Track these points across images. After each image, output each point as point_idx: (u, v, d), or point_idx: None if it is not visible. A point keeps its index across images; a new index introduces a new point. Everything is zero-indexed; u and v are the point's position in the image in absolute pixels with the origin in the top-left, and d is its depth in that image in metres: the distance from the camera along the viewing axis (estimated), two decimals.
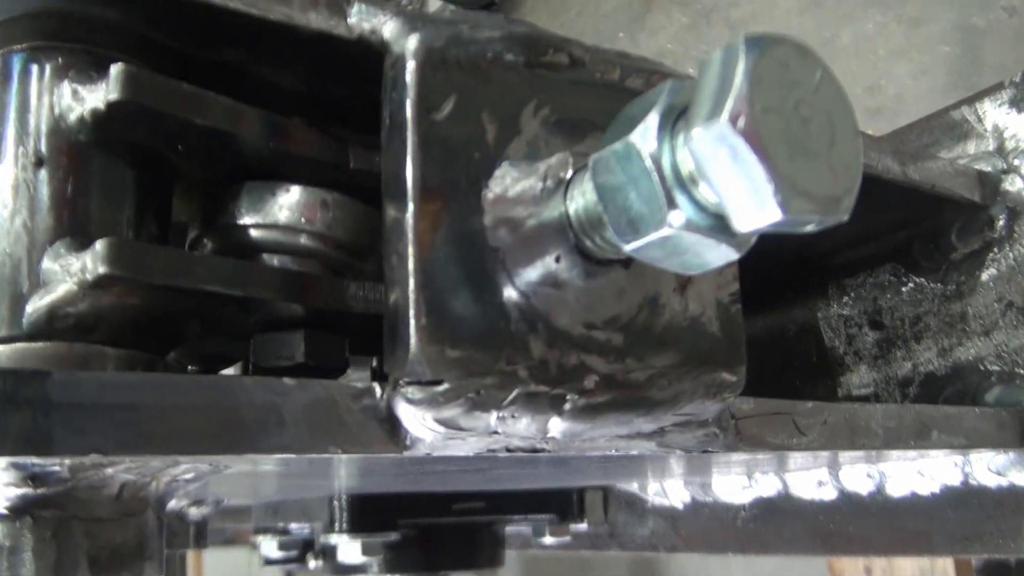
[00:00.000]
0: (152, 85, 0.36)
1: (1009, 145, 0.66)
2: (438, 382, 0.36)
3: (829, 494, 0.77)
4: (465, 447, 0.39)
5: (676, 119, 0.35)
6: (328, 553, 0.98)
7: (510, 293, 0.38)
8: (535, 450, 0.41)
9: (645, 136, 0.34)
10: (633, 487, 0.97)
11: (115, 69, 0.35)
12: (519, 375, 0.37)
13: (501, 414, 0.38)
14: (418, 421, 0.36)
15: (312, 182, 0.42)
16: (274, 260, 0.42)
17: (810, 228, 0.33)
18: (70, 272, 0.34)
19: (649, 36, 2.72)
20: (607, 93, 0.43)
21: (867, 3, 1.93)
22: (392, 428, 0.37)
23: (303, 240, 0.41)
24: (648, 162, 0.34)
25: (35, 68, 0.37)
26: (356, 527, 0.89)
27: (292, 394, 0.35)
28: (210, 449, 0.33)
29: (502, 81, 0.40)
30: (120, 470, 0.34)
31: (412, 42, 0.38)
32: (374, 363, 0.54)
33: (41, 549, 0.33)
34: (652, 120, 0.34)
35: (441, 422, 0.37)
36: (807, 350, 0.81)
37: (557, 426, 0.40)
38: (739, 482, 0.86)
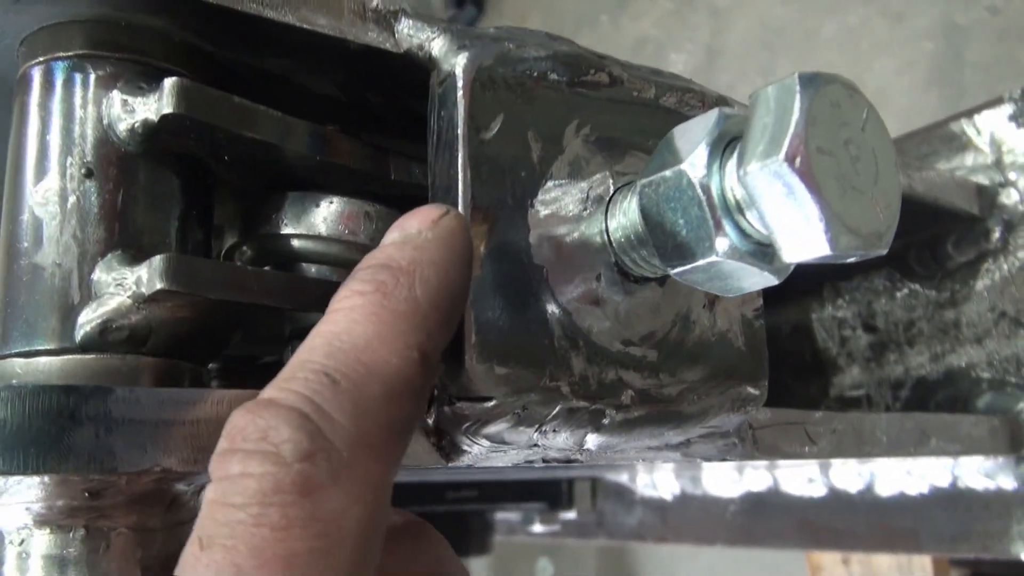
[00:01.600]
0: (205, 99, 0.36)
1: (1007, 159, 0.68)
2: (488, 399, 0.37)
3: (818, 491, 0.80)
4: (506, 459, 0.40)
5: (724, 148, 0.36)
6: None
7: (553, 310, 0.39)
8: (569, 461, 0.42)
9: (695, 164, 0.35)
10: (622, 478, 0.99)
11: (169, 83, 0.35)
12: (562, 391, 0.38)
13: (543, 428, 0.39)
14: (465, 435, 0.37)
15: (353, 193, 0.42)
16: (312, 269, 0.43)
17: (851, 260, 0.34)
18: (124, 285, 0.35)
19: (632, 20, 2.72)
20: (643, 111, 0.44)
21: None
22: (439, 440, 0.38)
23: (344, 251, 0.42)
24: (698, 190, 0.35)
25: (80, 77, 0.37)
26: None
27: None
28: None
29: (546, 100, 0.41)
30: (174, 482, 0.35)
31: (462, 60, 0.39)
32: None
33: (94, 560, 0.34)
34: (703, 149, 0.35)
35: (488, 436, 0.38)
36: (800, 350, 0.83)
37: (594, 439, 0.41)
38: (729, 476, 0.89)
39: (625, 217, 0.40)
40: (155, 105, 0.36)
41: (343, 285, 0.33)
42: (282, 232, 0.41)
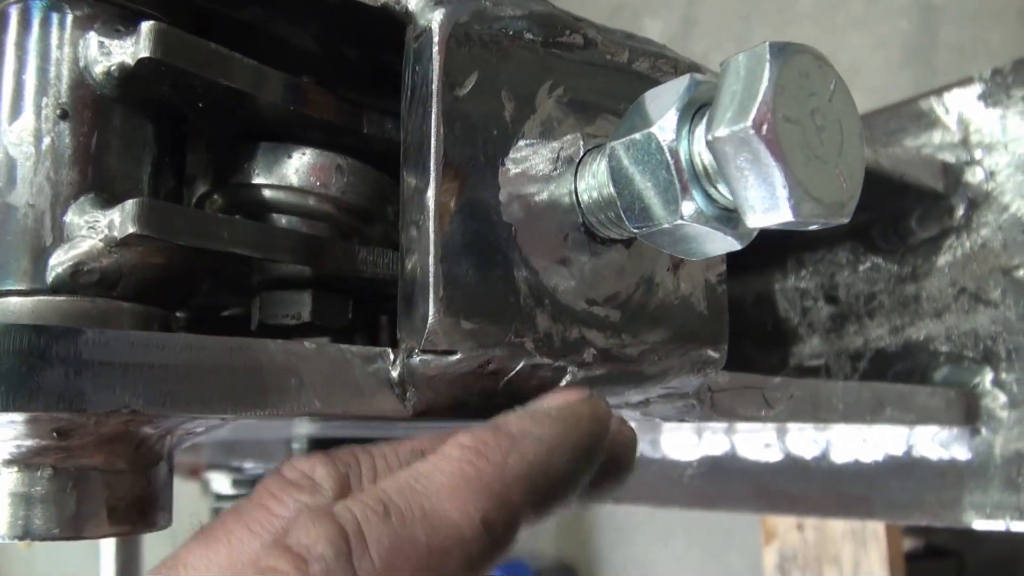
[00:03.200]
0: (182, 44, 0.36)
1: (974, 138, 0.69)
2: (452, 352, 0.37)
3: (775, 456, 0.82)
4: (469, 411, 0.40)
5: (694, 114, 0.36)
6: None
7: (520, 268, 0.39)
8: None
9: (665, 128, 0.36)
10: None
11: (146, 27, 0.35)
12: (526, 347, 0.39)
13: (503, 380, 0.39)
14: (429, 387, 0.38)
15: (326, 146, 0.42)
16: (282, 220, 0.43)
17: (813, 227, 0.35)
18: (96, 229, 0.35)
19: None
20: (616, 75, 0.44)
21: None
22: (403, 392, 0.38)
23: (315, 203, 0.42)
24: (667, 154, 0.36)
25: (57, 17, 0.37)
26: None
27: (311, 358, 0.36)
28: (234, 409, 0.35)
29: (520, 59, 0.41)
30: (142, 424, 0.35)
31: (439, 16, 0.39)
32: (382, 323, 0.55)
33: (61, 499, 0.34)
34: (673, 114, 0.36)
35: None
36: (763, 319, 0.85)
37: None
38: (688, 440, 0.90)
39: (594, 179, 0.41)
40: (132, 48, 0.36)
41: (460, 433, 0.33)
42: (254, 182, 0.42)
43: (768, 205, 0.33)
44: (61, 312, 0.35)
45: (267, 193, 0.42)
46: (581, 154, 0.42)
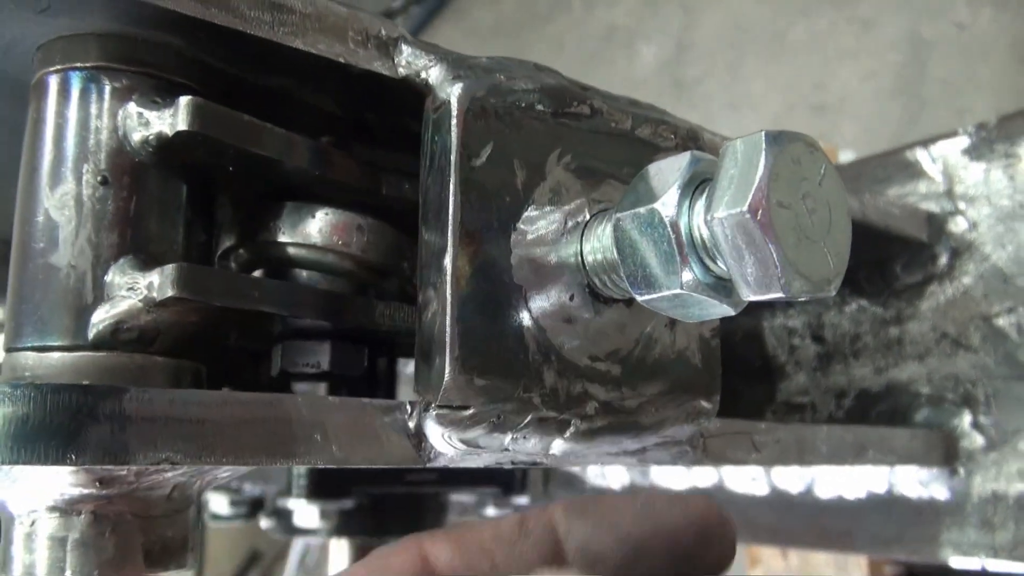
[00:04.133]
0: (216, 117, 0.39)
1: (958, 189, 0.73)
2: (466, 407, 0.40)
3: (761, 489, 0.84)
4: (479, 460, 0.43)
5: (694, 189, 0.39)
6: (281, 514, 1.02)
7: (529, 326, 0.42)
8: (535, 463, 0.46)
9: (667, 204, 0.39)
10: (574, 468, 1.04)
11: (184, 101, 0.38)
12: (533, 402, 0.42)
13: (515, 435, 0.42)
14: (444, 439, 0.41)
15: (346, 205, 0.45)
16: (303, 274, 0.46)
17: (801, 299, 0.38)
18: (136, 289, 0.37)
19: (605, 8, 2.75)
20: (619, 142, 0.47)
21: None
22: (419, 443, 0.41)
23: (335, 260, 0.45)
24: (668, 228, 0.38)
25: (96, 88, 0.39)
26: (314, 493, 0.93)
27: (335, 411, 0.39)
28: (265, 460, 0.37)
29: (531, 130, 0.44)
30: (177, 474, 0.38)
31: (457, 90, 0.42)
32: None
33: (100, 544, 0.37)
34: (675, 190, 0.39)
35: (464, 441, 0.41)
36: (751, 355, 0.88)
37: (559, 446, 0.44)
38: (677, 471, 0.93)
39: (599, 242, 0.43)
40: (170, 120, 0.38)
41: None
42: (278, 240, 0.44)
43: (761, 282, 0.36)
44: (102, 368, 0.37)
45: (291, 250, 0.44)
46: (587, 218, 0.44)
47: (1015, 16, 1.49)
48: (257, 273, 0.47)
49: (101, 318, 0.37)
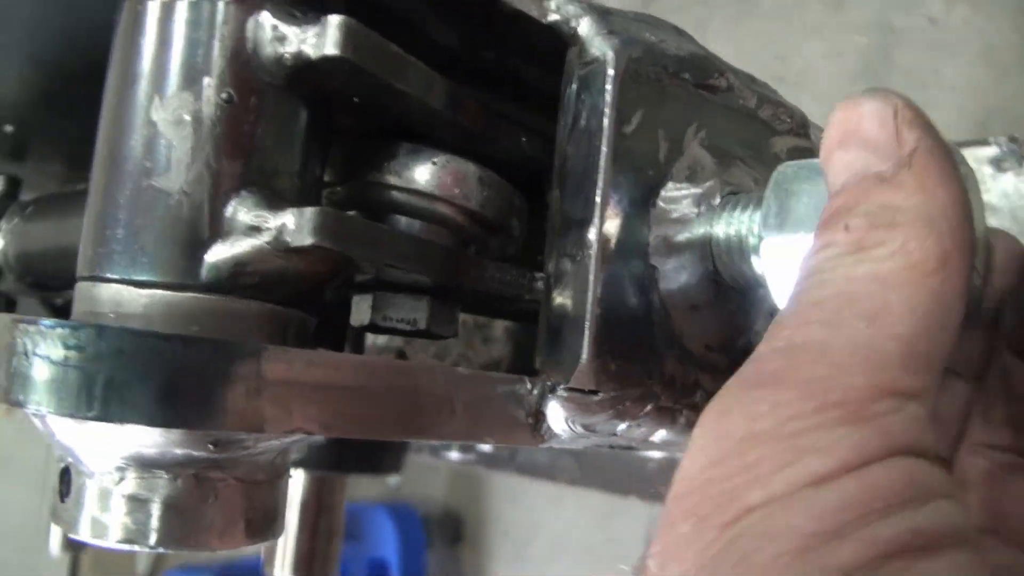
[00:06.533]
0: (369, 44, 0.34)
1: (983, 198, 0.73)
2: (596, 392, 0.37)
3: None
4: (585, 443, 0.41)
5: None
6: None
7: (658, 311, 0.40)
8: (627, 447, 0.44)
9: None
10: None
11: (336, 22, 0.33)
12: (654, 390, 0.40)
13: (631, 423, 0.40)
14: (565, 422, 0.38)
15: (460, 152, 0.41)
16: (403, 221, 0.42)
17: None
18: (262, 229, 0.33)
19: None
20: (745, 121, 0.45)
21: None
22: (536, 423, 0.38)
23: (448, 211, 0.41)
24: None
25: None
26: None
27: (464, 385, 0.36)
28: (393, 432, 0.34)
29: (675, 99, 0.41)
30: (294, 439, 0.34)
31: (614, 48, 0.38)
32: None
33: (203, 510, 0.33)
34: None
35: (585, 426, 0.38)
36: None
37: (661, 435, 0.42)
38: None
39: (729, 227, 0.41)
40: (314, 40, 0.33)
41: None
42: (387, 182, 0.40)
43: None
44: (215, 313, 0.33)
45: (397, 195, 0.40)
46: (718, 201, 0.42)
47: (988, 19, 1.53)
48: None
49: (220, 257, 0.33)
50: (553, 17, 0.39)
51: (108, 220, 0.34)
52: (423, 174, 0.40)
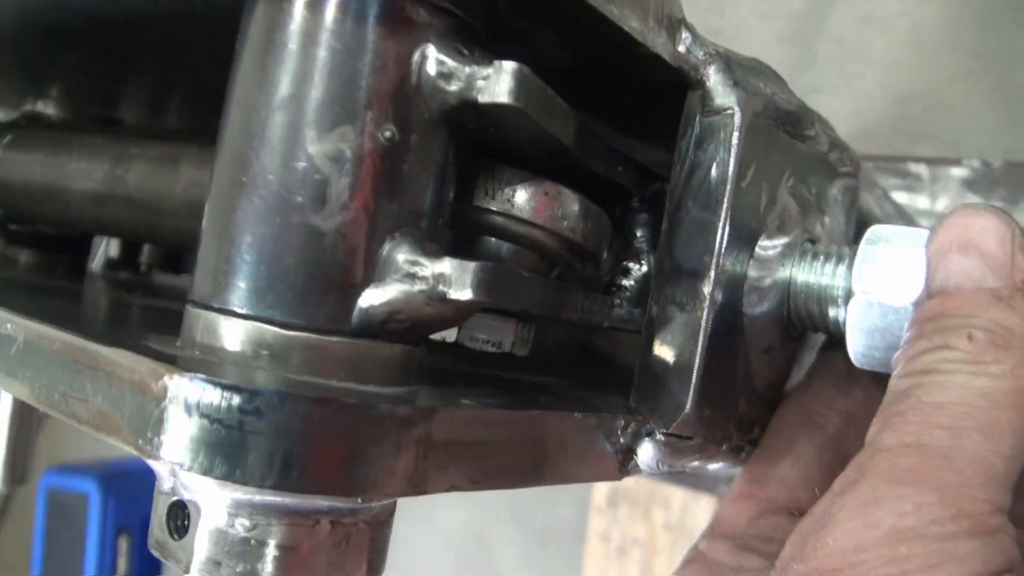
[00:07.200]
0: (537, 92, 0.33)
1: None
2: (691, 437, 0.39)
3: None
4: (653, 473, 0.43)
5: None
6: None
7: (743, 356, 0.42)
8: (680, 472, 0.46)
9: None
10: None
11: (511, 69, 0.32)
12: (730, 431, 0.42)
13: (705, 461, 0.42)
14: (655, 463, 0.40)
15: (556, 172, 0.41)
16: (491, 243, 0.42)
17: None
18: (417, 276, 0.32)
19: None
20: (817, 165, 0.46)
21: None
22: (624, 460, 0.40)
23: (548, 240, 0.40)
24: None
25: (392, 18, 0.32)
26: None
27: (578, 428, 0.37)
28: (523, 481, 0.35)
29: (777, 150, 0.42)
30: None
31: (740, 101, 0.39)
32: None
33: (336, 556, 0.32)
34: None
35: (671, 466, 0.40)
36: None
37: (716, 466, 0.45)
38: None
39: (806, 276, 0.43)
40: (484, 84, 0.32)
41: None
42: (491, 207, 0.39)
43: None
44: (365, 359, 0.32)
45: (497, 219, 0.40)
46: (799, 251, 0.44)
47: (922, 2, 1.59)
48: None
49: (373, 303, 0.32)
50: (680, 61, 0.39)
51: (245, 251, 0.32)
52: (531, 202, 0.39)
